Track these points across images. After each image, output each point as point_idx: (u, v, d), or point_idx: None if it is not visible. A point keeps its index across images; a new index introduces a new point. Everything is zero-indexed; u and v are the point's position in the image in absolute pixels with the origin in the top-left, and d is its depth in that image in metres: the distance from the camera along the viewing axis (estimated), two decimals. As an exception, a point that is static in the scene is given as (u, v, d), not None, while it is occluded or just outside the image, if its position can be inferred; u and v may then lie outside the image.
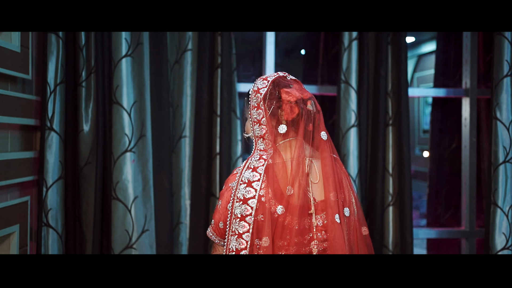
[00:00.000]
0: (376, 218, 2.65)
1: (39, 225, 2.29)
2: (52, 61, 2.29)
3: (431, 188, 3.37)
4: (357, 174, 2.61)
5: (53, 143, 2.29)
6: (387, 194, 2.71)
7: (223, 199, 1.46)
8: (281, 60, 3.15)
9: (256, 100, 1.48)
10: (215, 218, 1.49)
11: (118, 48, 2.37)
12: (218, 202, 1.48)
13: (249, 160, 1.46)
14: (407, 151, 2.64)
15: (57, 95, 2.30)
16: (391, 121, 2.72)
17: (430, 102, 4.53)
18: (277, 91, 1.47)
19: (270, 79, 1.51)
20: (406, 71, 2.65)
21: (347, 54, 2.62)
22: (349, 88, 2.62)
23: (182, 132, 2.58)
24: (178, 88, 2.58)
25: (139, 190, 2.41)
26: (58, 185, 2.31)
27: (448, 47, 3.24)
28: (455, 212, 3.22)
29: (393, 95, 2.71)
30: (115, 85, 2.37)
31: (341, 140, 2.62)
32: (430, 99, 4.47)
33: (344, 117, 2.61)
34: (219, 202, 1.47)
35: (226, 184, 1.48)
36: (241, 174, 1.43)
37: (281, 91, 1.47)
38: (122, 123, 2.37)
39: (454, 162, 3.18)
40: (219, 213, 1.47)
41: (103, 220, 2.42)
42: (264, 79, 1.52)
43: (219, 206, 1.47)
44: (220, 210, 1.47)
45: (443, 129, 3.26)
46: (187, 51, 2.58)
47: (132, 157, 2.38)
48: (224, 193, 1.47)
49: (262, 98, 1.47)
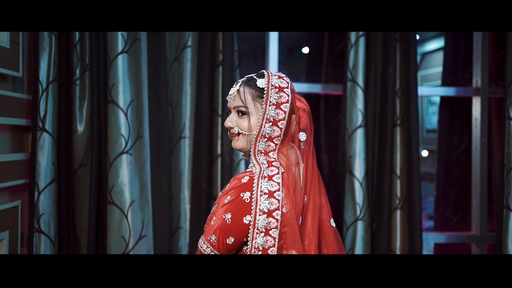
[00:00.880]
0: (383, 222, 2.59)
1: (30, 231, 2.21)
2: (44, 58, 2.22)
3: (439, 190, 3.30)
4: (363, 176, 2.54)
5: (45, 144, 2.23)
6: (395, 197, 2.65)
7: (233, 211, 1.33)
8: (284, 58, 3.07)
9: (278, 98, 1.39)
10: (222, 232, 1.33)
11: (114, 44, 2.31)
12: (226, 215, 1.33)
13: (260, 166, 1.37)
14: (416, 153, 2.58)
15: (49, 94, 2.24)
16: (399, 121, 2.66)
17: (434, 101, 4.46)
18: (293, 96, 1.44)
19: (288, 80, 1.45)
20: (415, 69, 2.58)
21: (353, 51, 2.55)
22: (356, 86, 2.55)
23: (181, 132, 2.53)
24: (177, 87, 2.53)
25: (136, 194, 2.35)
26: (50, 189, 2.25)
27: (456, 44, 3.18)
28: (464, 216, 3.16)
29: (402, 94, 2.64)
30: (110, 83, 2.32)
31: (347, 141, 2.55)
32: (433, 98, 4.40)
33: (350, 117, 2.55)
34: (228, 215, 1.33)
35: (232, 194, 1.35)
36: (258, 184, 1.32)
37: (294, 96, 1.44)
38: (118, 123, 2.32)
39: (463, 164, 3.14)
40: (229, 227, 1.33)
41: (98, 226, 2.36)
42: (282, 78, 1.44)
43: (228, 219, 1.33)
44: (231, 224, 1.32)
45: (452, 129, 3.20)
46: (187, 48, 2.52)
47: (128, 159, 2.33)
48: (233, 204, 1.33)
49: (288, 98, 1.40)
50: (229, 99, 1.44)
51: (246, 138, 1.41)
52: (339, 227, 2.54)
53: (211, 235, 1.34)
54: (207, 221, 1.38)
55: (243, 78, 1.48)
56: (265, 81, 1.40)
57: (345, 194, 2.53)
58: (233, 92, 1.43)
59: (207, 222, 1.38)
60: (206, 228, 1.37)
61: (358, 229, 2.53)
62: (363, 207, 2.52)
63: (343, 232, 2.54)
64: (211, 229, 1.35)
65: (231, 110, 1.45)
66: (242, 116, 1.41)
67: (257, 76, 1.44)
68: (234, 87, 1.44)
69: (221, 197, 1.37)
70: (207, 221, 1.38)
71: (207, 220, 1.39)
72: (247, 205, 1.32)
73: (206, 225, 1.38)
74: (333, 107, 3.09)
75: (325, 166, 3.12)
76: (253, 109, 1.40)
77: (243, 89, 1.41)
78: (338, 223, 2.54)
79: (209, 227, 1.35)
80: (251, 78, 1.44)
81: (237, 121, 1.42)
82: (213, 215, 1.36)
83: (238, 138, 1.43)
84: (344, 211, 2.54)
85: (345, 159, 2.54)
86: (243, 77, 1.47)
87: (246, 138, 1.41)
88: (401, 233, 2.64)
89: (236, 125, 1.42)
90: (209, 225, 1.36)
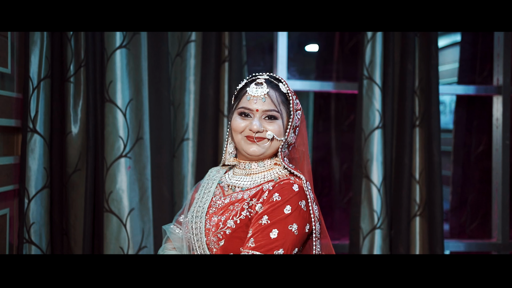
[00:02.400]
0: (402, 230, 2.51)
1: (20, 242, 2.16)
2: (35, 53, 2.17)
3: (455, 194, 3.23)
4: (381, 181, 2.46)
5: (36, 147, 2.17)
6: (413, 203, 2.56)
7: (297, 222, 1.33)
8: (294, 54, 2.99)
9: (296, 105, 1.45)
10: (291, 244, 1.31)
11: (111, 38, 2.28)
12: (292, 226, 1.32)
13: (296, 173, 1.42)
14: (437, 156, 2.48)
15: (41, 92, 2.19)
16: (418, 121, 2.57)
17: (442, 100, 4.36)
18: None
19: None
20: (437, 66, 2.49)
21: (370, 46, 2.48)
22: (373, 84, 2.48)
23: (184, 134, 2.48)
24: (180, 85, 2.48)
25: (136, 201, 2.30)
26: (42, 196, 2.19)
27: (475, 39, 3.10)
28: (482, 222, 3.07)
29: (421, 92, 2.57)
30: (108, 81, 2.28)
31: (364, 144, 2.47)
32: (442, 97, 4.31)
33: (367, 117, 2.47)
34: (294, 226, 1.32)
35: (291, 204, 1.34)
36: (308, 191, 1.37)
37: None
38: (116, 124, 2.28)
39: (482, 166, 3.06)
40: (297, 239, 1.33)
41: (94, 236, 2.32)
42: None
43: (296, 229, 1.32)
44: (299, 235, 1.32)
45: (470, 129, 3.12)
46: (190, 43, 2.47)
47: (127, 163, 2.29)
48: (296, 214, 1.33)
49: (301, 106, 1.47)
50: (255, 101, 1.41)
51: (273, 143, 1.42)
52: (355, 236, 2.47)
53: (278, 250, 1.29)
54: (257, 235, 1.31)
55: (255, 77, 1.46)
56: (285, 86, 1.44)
57: (362, 201, 2.46)
58: (260, 94, 1.40)
59: (257, 236, 1.31)
60: (260, 243, 1.30)
61: (376, 238, 2.45)
62: (381, 215, 2.45)
63: (359, 242, 2.45)
64: (276, 243, 1.30)
65: (250, 113, 1.42)
66: (271, 120, 1.41)
67: (275, 79, 1.45)
68: (259, 89, 1.42)
69: (274, 209, 1.33)
70: (256, 235, 1.31)
71: (254, 235, 1.32)
72: (306, 214, 1.35)
73: (254, 239, 1.31)
74: (344, 106, 3.06)
75: (337, 170, 3.03)
76: (281, 115, 1.42)
77: (274, 93, 1.41)
78: (353, 231, 2.47)
79: (271, 241, 1.30)
80: (270, 81, 1.44)
81: (265, 125, 1.41)
82: (270, 228, 1.31)
83: (268, 144, 1.42)
84: (360, 219, 2.47)
85: (361, 163, 2.47)
86: (253, 76, 1.46)
87: (273, 143, 1.42)
88: (420, 242, 2.56)
89: (266, 129, 1.42)
90: (267, 239, 1.30)
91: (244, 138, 1.40)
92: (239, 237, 1.33)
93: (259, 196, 1.36)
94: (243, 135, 1.40)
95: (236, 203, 1.37)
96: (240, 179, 1.44)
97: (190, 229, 1.41)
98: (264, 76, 1.44)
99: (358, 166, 2.47)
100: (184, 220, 1.45)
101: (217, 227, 1.35)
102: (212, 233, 1.35)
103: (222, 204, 1.40)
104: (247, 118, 1.40)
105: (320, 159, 3.04)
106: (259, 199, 1.35)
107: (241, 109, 1.41)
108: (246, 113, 1.41)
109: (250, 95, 1.39)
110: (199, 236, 1.38)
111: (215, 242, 1.35)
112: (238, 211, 1.35)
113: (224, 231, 1.34)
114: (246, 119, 1.40)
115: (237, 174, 1.46)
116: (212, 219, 1.38)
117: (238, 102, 1.42)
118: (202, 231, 1.37)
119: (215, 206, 1.41)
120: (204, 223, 1.38)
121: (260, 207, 1.34)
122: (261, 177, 1.41)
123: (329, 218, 2.99)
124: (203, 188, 1.48)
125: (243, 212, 1.35)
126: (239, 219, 1.34)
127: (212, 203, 1.42)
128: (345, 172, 3.02)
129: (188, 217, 1.43)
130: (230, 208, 1.37)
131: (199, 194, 1.47)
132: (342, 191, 3.00)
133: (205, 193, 1.46)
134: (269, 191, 1.35)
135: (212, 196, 1.44)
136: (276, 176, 1.41)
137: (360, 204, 2.45)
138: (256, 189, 1.38)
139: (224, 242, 1.33)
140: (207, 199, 1.43)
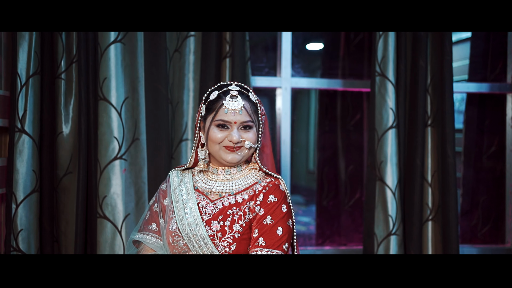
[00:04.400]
0: (413, 235, 2.44)
1: (6, 250, 2.16)
2: (24, 48, 2.12)
3: (465, 197, 3.14)
4: (396, 184, 2.37)
5: (24, 148, 2.13)
6: (426, 207, 2.47)
7: (290, 217, 1.53)
8: (298, 50, 2.92)
9: (263, 111, 1.58)
10: (290, 237, 1.51)
11: (105, 32, 2.22)
12: (289, 222, 1.51)
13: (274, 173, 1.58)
14: (452, 157, 2.38)
15: (29, 90, 2.15)
16: (430, 121, 2.48)
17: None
18: None
19: None
20: (451, 62, 2.39)
21: (382, 41, 2.41)
22: (386, 81, 2.40)
23: (183, 134, 2.44)
24: (178, 82, 2.45)
25: (131, 206, 2.26)
26: (31, 200, 2.15)
27: (486, 35, 3.03)
28: (494, 226, 2.99)
29: (433, 90, 2.48)
30: (101, 78, 2.24)
31: (377, 145, 2.39)
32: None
33: (380, 117, 2.39)
34: (289, 221, 1.52)
35: (285, 203, 1.52)
36: (286, 190, 1.56)
37: None
38: (111, 123, 2.23)
39: (494, 168, 2.99)
40: (291, 232, 1.53)
41: (86, 243, 2.29)
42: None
43: (291, 224, 1.53)
44: (292, 228, 1.55)
45: (482, 129, 3.05)
46: (189, 37, 2.44)
47: (122, 165, 2.25)
48: (289, 211, 1.53)
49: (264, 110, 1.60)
50: (233, 114, 1.51)
51: (250, 150, 1.54)
52: (369, 242, 2.38)
53: (284, 244, 1.48)
54: (265, 234, 1.46)
55: (227, 89, 1.54)
56: (253, 96, 1.56)
57: (376, 205, 2.37)
58: (237, 107, 1.51)
59: (265, 235, 1.46)
60: (270, 241, 1.46)
61: (391, 245, 2.37)
62: (396, 220, 2.36)
63: (373, 248, 2.37)
64: (283, 239, 1.47)
65: (228, 124, 1.52)
66: (247, 130, 1.53)
67: (245, 89, 1.56)
68: (235, 102, 1.52)
69: (275, 210, 1.49)
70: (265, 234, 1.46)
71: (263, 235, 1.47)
72: (290, 209, 1.55)
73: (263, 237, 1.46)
74: (350, 104, 2.96)
75: (342, 172, 2.92)
76: (254, 122, 1.55)
77: (247, 104, 1.53)
78: (367, 237, 2.39)
79: (279, 238, 1.47)
80: (242, 92, 1.55)
81: (242, 135, 1.53)
82: (276, 226, 1.47)
83: (246, 152, 1.53)
84: (374, 224, 2.38)
85: (375, 165, 2.38)
86: (222, 86, 1.55)
87: (250, 150, 1.54)
88: (432, 247, 2.48)
89: (244, 139, 1.55)
90: (275, 236, 1.47)
91: (222, 147, 1.51)
92: (246, 238, 1.46)
93: (254, 198, 1.50)
94: (222, 145, 1.51)
95: (234, 207, 1.49)
96: (223, 184, 1.54)
97: (186, 237, 1.47)
98: (235, 88, 1.53)
99: (372, 168, 2.38)
100: (170, 228, 1.51)
101: (223, 232, 1.45)
102: (219, 239, 1.45)
103: (216, 210, 1.49)
104: (224, 129, 1.51)
105: (325, 160, 2.93)
106: (256, 201, 1.49)
107: (219, 121, 1.51)
108: (224, 125, 1.51)
109: (228, 108, 1.50)
110: (203, 242, 1.45)
111: (226, 247, 1.45)
112: (241, 215, 1.47)
113: (233, 236, 1.45)
114: (224, 130, 1.50)
115: (212, 179, 1.56)
116: (212, 225, 1.47)
117: (215, 114, 1.51)
118: (206, 237, 1.45)
119: (207, 212, 1.50)
120: (205, 230, 1.47)
121: (259, 209, 1.48)
122: (243, 181, 1.54)
123: (335, 222, 2.89)
124: (175, 195, 1.55)
125: (246, 216, 1.48)
126: (244, 223, 1.47)
127: (201, 209, 1.50)
128: (351, 173, 2.94)
129: (178, 226, 1.50)
130: (228, 212, 1.48)
131: (175, 201, 1.54)
132: (348, 194, 2.90)
133: (184, 199, 1.53)
134: (264, 194, 1.50)
135: (196, 202, 1.52)
136: (257, 178, 1.55)
137: (374, 208, 2.37)
138: (246, 192, 1.52)
139: (235, 245, 1.45)
140: (192, 206, 1.50)
